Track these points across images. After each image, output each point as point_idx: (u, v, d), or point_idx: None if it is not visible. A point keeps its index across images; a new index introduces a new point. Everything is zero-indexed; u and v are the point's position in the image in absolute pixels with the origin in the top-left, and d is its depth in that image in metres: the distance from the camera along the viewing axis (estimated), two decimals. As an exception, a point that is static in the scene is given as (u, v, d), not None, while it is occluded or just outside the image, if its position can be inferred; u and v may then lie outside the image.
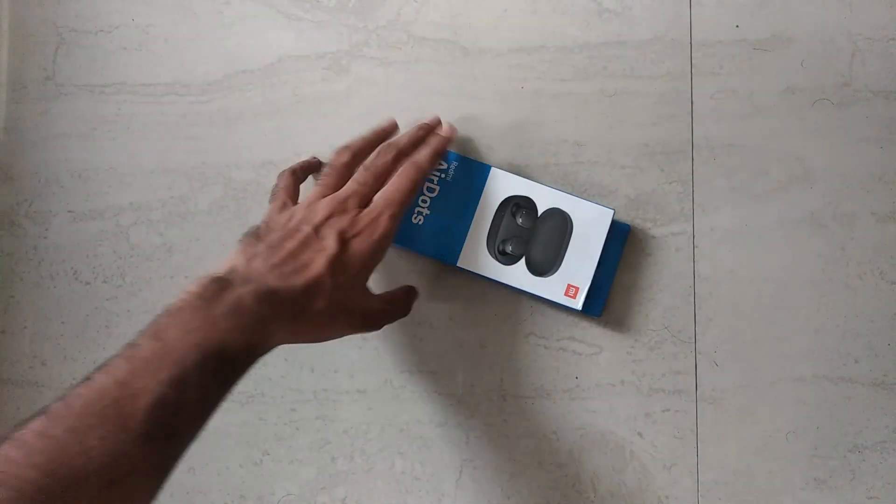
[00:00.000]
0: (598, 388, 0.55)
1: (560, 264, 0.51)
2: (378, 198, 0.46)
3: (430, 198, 0.52)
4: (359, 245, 0.44)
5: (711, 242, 0.55)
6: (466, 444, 0.55)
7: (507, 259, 0.51)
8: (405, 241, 0.53)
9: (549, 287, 0.51)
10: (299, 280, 0.41)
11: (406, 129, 0.53)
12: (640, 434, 0.55)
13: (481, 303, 0.55)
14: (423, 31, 0.56)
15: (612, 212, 0.51)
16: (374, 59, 0.56)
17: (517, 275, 0.51)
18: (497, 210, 0.51)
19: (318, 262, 0.42)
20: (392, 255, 0.54)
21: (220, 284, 0.38)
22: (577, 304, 0.51)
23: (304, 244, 0.43)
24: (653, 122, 0.55)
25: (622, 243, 0.53)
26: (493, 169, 0.52)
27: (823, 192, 0.55)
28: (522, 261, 0.51)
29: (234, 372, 0.37)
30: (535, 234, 0.51)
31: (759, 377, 0.55)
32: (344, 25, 0.56)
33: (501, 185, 0.52)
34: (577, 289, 0.51)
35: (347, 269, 0.43)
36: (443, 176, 0.52)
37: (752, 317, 0.55)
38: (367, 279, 0.45)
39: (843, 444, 0.54)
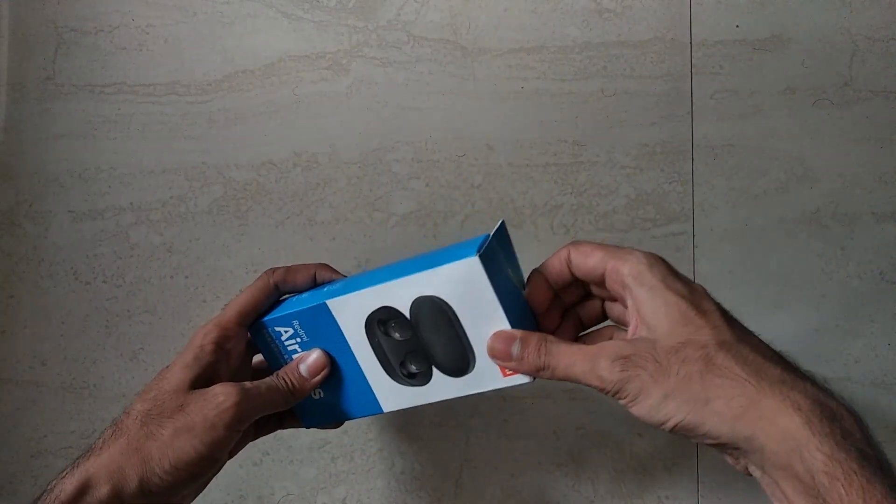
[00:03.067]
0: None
1: (473, 351, 0.38)
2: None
3: None
4: (176, 362, 0.40)
5: (711, 242, 0.55)
6: (466, 444, 0.55)
7: (422, 377, 0.40)
8: (324, 418, 0.45)
9: (484, 378, 0.38)
10: (109, 428, 0.38)
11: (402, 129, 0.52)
12: (639, 434, 0.55)
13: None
14: (423, 31, 0.56)
15: (474, 258, 0.34)
16: (374, 59, 0.56)
17: (445, 386, 0.40)
18: (368, 339, 0.41)
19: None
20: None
21: None
22: (524, 378, 0.37)
23: None
24: (653, 122, 0.55)
25: (510, 256, 0.39)
26: (327, 303, 0.41)
27: (823, 192, 0.55)
28: (435, 371, 0.40)
29: None
30: (422, 341, 0.39)
31: (759, 377, 0.55)
32: (344, 25, 0.56)
33: (349, 312, 0.40)
34: None
35: (157, 382, 0.39)
36: (299, 341, 0.43)
37: (751, 317, 0.55)
38: (190, 378, 0.39)
39: (843, 444, 0.54)
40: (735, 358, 0.30)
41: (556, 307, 0.39)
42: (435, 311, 0.37)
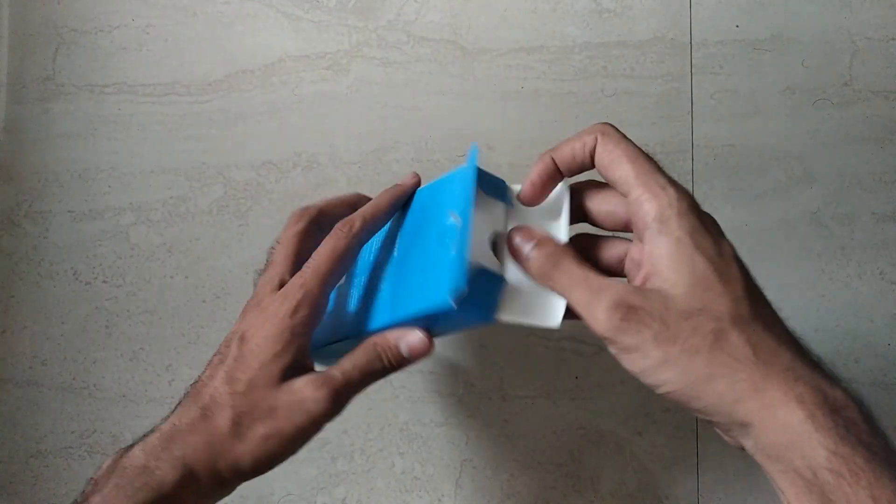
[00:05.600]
0: (598, 388, 0.55)
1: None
2: (295, 278, 0.38)
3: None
4: (259, 335, 0.37)
5: (711, 242, 0.55)
6: (466, 444, 0.55)
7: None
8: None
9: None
10: (194, 406, 0.36)
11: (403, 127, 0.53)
12: (640, 434, 0.55)
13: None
14: (423, 31, 0.56)
15: (447, 301, 0.32)
16: (374, 59, 0.56)
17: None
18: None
19: (215, 376, 0.37)
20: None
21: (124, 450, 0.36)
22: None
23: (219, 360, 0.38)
24: (653, 122, 0.55)
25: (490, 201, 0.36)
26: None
27: (823, 192, 0.55)
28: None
29: None
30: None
31: (759, 377, 0.55)
32: (344, 25, 0.56)
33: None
34: None
35: (247, 370, 0.36)
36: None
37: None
38: (282, 368, 0.36)
39: (843, 444, 0.54)
40: (747, 337, 0.28)
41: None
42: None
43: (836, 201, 0.55)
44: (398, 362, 0.37)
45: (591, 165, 0.34)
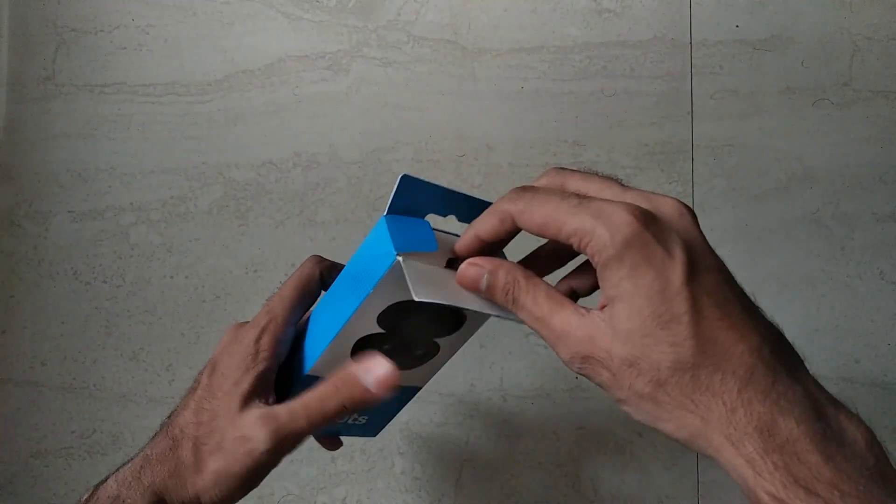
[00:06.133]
0: (598, 388, 0.55)
1: (460, 310, 0.36)
2: (263, 306, 0.38)
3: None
4: (226, 362, 0.37)
5: (711, 242, 0.55)
6: (466, 444, 0.55)
7: (432, 350, 0.40)
8: (382, 423, 0.44)
9: (484, 309, 0.35)
10: (166, 437, 0.36)
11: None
12: (640, 434, 0.55)
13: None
14: (423, 31, 0.56)
15: (397, 260, 0.31)
16: (374, 59, 0.56)
17: (455, 341, 0.39)
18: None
19: (187, 406, 0.37)
20: None
21: None
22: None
23: None
24: (653, 122, 0.55)
25: (425, 201, 0.35)
26: (308, 374, 0.38)
27: (823, 192, 0.55)
28: (439, 340, 0.39)
29: None
30: (409, 335, 0.38)
31: (759, 377, 0.55)
32: (344, 25, 0.56)
33: (331, 363, 0.37)
34: None
35: (213, 399, 0.36)
36: None
37: (752, 317, 0.55)
38: (241, 397, 0.35)
39: (843, 444, 0.54)
40: (687, 385, 0.27)
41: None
42: (400, 313, 0.35)
43: (836, 201, 0.55)
44: (361, 398, 0.34)
45: (517, 231, 0.32)
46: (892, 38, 0.55)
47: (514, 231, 0.32)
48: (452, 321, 0.37)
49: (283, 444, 0.35)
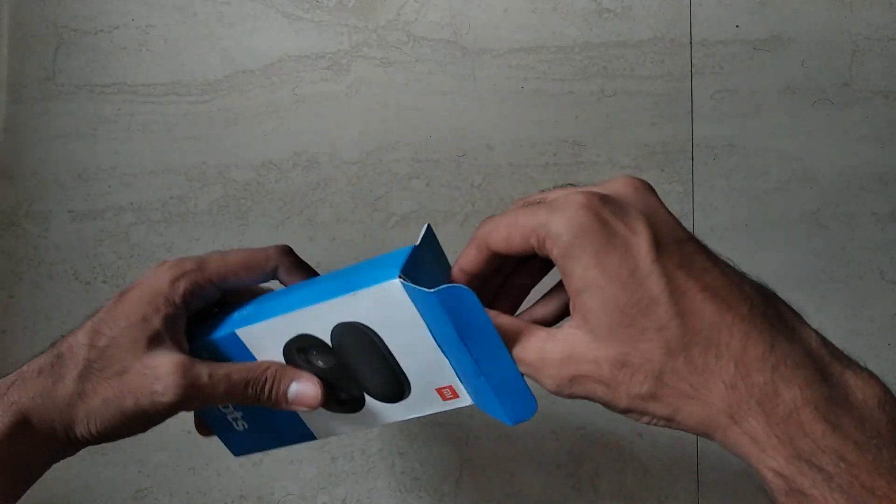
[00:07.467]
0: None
1: (406, 377, 0.34)
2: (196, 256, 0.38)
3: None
4: (136, 293, 0.35)
5: (711, 242, 0.55)
6: (466, 444, 0.55)
7: (354, 404, 0.37)
8: (254, 447, 0.41)
9: (422, 403, 0.35)
10: (51, 353, 0.35)
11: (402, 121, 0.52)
12: (640, 434, 0.55)
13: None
14: (423, 31, 0.56)
15: (395, 281, 0.30)
16: (374, 59, 0.56)
17: (380, 411, 0.36)
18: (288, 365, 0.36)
19: (83, 326, 0.35)
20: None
21: None
22: (465, 401, 0.34)
23: None
24: (653, 122, 0.55)
25: (439, 258, 0.35)
26: (237, 332, 0.36)
27: (823, 192, 0.55)
28: (368, 397, 0.36)
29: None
30: (348, 368, 0.35)
31: (759, 377, 0.55)
32: (344, 25, 0.56)
33: (264, 341, 0.36)
34: (449, 387, 0.34)
35: (114, 326, 0.34)
36: None
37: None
38: (148, 335, 0.34)
39: (843, 444, 0.54)
40: (683, 369, 0.26)
41: (490, 286, 0.33)
42: (359, 339, 0.33)
43: (836, 201, 0.55)
44: (276, 400, 0.35)
45: (495, 255, 0.31)
46: (892, 38, 0.55)
47: (492, 258, 0.30)
48: (393, 386, 0.35)
49: (189, 404, 0.33)
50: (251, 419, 0.39)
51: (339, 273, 0.36)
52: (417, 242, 0.32)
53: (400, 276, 0.30)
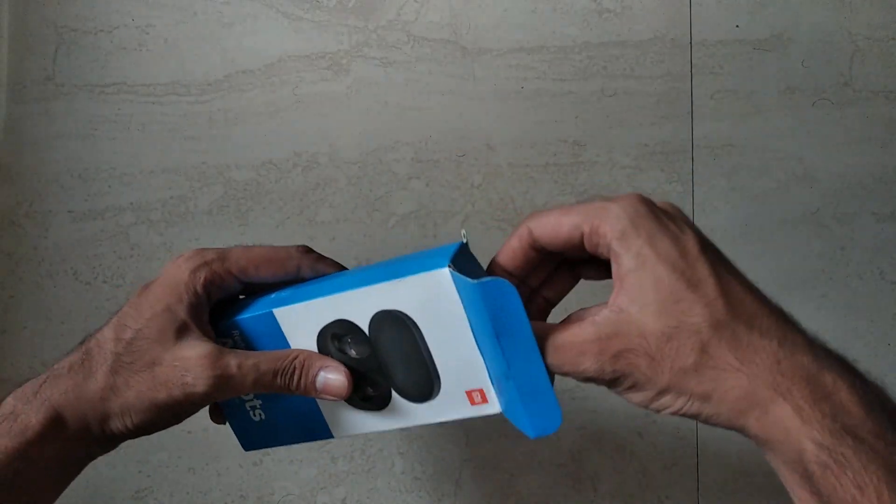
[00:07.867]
0: (598, 387, 0.55)
1: (438, 375, 0.33)
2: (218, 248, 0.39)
3: None
4: (159, 284, 0.35)
5: (711, 242, 0.55)
6: (466, 444, 0.55)
7: (378, 401, 0.36)
8: (266, 442, 0.40)
9: (448, 406, 0.34)
10: (79, 350, 0.35)
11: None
12: (640, 434, 0.55)
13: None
14: (423, 31, 0.56)
15: (444, 269, 0.30)
16: (374, 59, 0.56)
17: (403, 412, 0.35)
18: (320, 352, 0.36)
19: (109, 322, 0.35)
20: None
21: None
22: (493, 407, 0.33)
23: None
24: (653, 122, 0.55)
25: (477, 269, 0.34)
26: (273, 312, 0.35)
27: (823, 192, 0.55)
28: (394, 395, 0.35)
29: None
30: (381, 360, 0.35)
31: (759, 377, 0.55)
32: (344, 25, 0.56)
33: (300, 323, 0.35)
34: (480, 390, 0.33)
35: (139, 318, 0.34)
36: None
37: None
38: (175, 324, 0.34)
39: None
40: (729, 343, 0.28)
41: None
42: (398, 328, 0.33)
43: (836, 201, 0.55)
44: (305, 389, 0.35)
45: (536, 253, 0.32)
46: (892, 38, 0.55)
47: (531, 252, 0.32)
48: (423, 383, 0.34)
49: (220, 394, 0.34)
50: (269, 409, 0.38)
51: (383, 263, 0.36)
52: (464, 241, 0.33)
53: (449, 266, 0.30)
